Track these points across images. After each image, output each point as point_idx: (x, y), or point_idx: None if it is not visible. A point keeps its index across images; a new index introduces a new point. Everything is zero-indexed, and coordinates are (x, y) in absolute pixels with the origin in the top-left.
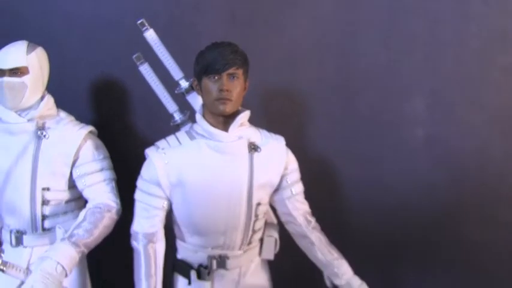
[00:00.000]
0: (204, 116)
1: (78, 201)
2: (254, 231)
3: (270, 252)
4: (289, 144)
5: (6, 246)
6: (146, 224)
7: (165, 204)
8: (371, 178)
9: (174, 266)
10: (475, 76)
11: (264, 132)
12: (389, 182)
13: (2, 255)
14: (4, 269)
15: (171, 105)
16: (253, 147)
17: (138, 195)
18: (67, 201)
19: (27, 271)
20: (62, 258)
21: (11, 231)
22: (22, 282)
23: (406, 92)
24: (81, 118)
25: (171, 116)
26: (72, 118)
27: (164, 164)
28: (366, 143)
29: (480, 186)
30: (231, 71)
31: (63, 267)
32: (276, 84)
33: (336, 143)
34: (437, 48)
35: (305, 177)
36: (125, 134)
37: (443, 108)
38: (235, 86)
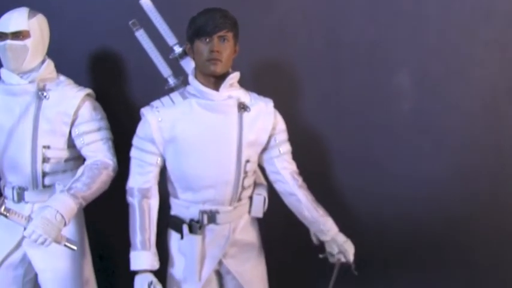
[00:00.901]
0: (196, 77)
1: (77, 161)
2: (243, 188)
3: (259, 210)
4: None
5: (8, 202)
6: (141, 180)
7: (159, 160)
8: (357, 148)
9: (167, 222)
10: (459, 51)
11: (253, 95)
12: (375, 152)
13: (6, 201)
14: (7, 214)
15: (165, 70)
16: (242, 107)
17: (133, 153)
18: (66, 160)
19: (29, 218)
20: (62, 208)
21: (13, 188)
22: (24, 229)
23: (393, 66)
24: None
25: (166, 81)
26: (71, 81)
27: (158, 121)
28: (353, 115)
29: (462, 157)
30: (221, 33)
31: (62, 216)
32: (266, 58)
33: (324, 115)
34: (423, 24)
35: (293, 147)
36: (120, 101)
37: (429, 82)
38: (225, 47)
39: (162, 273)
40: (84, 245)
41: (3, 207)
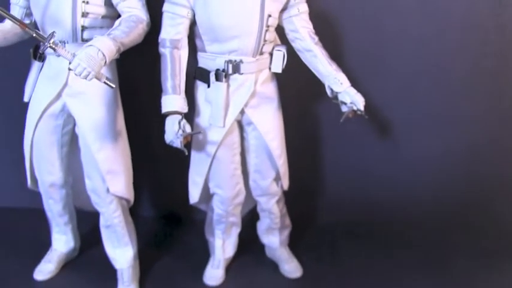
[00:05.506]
0: None
1: (113, 19)
2: (265, 41)
3: (278, 66)
4: None
5: (51, 56)
6: (172, 31)
7: (189, 13)
8: (366, 31)
9: (195, 73)
10: None
11: None
12: (383, 34)
13: (55, 34)
14: (56, 48)
15: None
16: None
17: (166, 7)
18: (103, 17)
19: (74, 54)
20: (103, 47)
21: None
22: (69, 63)
23: None
24: None
25: None
26: None
27: None
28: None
29: (466, 36)
30: None
31: (103, 54)
32: None
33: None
34: None
35: None
36: None
37: None
38: None
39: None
40: (117, 97)
41: (52, 41)
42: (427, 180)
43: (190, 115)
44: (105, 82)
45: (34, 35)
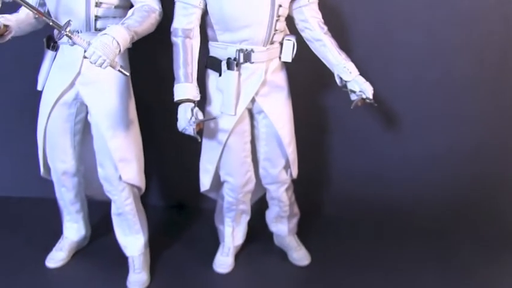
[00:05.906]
0: None
1: (125, 9)
2: (276, 31)
3: (288, 55)
4: None
5: (65, 46)
6: (184, 21)
7: (201, 3)
8: (370, 26)
9: (206, 62)
10: None
11: None
12: (390, 26)
13: (71, 23)
14: (72, 36)
15: None
16: None
17: None
18: (116, 7)
19: (89, 43)
20: (117, 35)
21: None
22: (84, 51)
23: None
24: None
25: None
26: None
27: None
28: None
29: (471, 27)
30: None
31: (118, 43)
32: None
33: None
34: None
35: None
36: None
37: None
38: None
39: None
40: (129, 86)
41: (68, 29)
42: (430, 178)
43: (202, 104)
44: (119, 70)
45: (51, 23)
